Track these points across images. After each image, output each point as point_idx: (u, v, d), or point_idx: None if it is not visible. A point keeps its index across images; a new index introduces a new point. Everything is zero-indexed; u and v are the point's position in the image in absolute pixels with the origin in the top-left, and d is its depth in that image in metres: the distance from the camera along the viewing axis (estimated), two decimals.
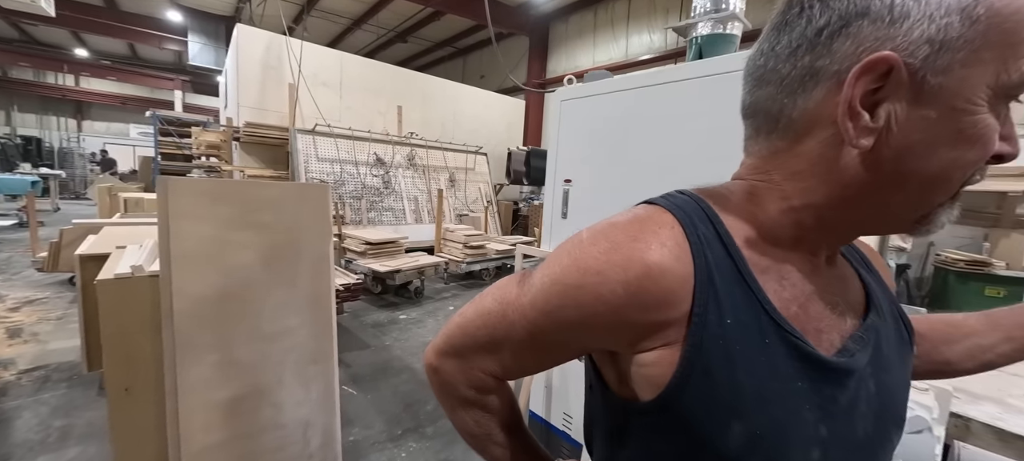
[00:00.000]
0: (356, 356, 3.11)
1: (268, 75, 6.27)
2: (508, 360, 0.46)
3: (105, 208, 5.41)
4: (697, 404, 0.37)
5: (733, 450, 0.36)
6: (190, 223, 1.41)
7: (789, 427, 0.36)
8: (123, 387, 1.60)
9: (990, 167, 0.35)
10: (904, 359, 0.46)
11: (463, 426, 0.53)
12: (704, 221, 0.39)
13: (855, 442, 0.39)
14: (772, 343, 0.36)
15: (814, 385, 0.37)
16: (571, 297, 0.38)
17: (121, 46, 12.85)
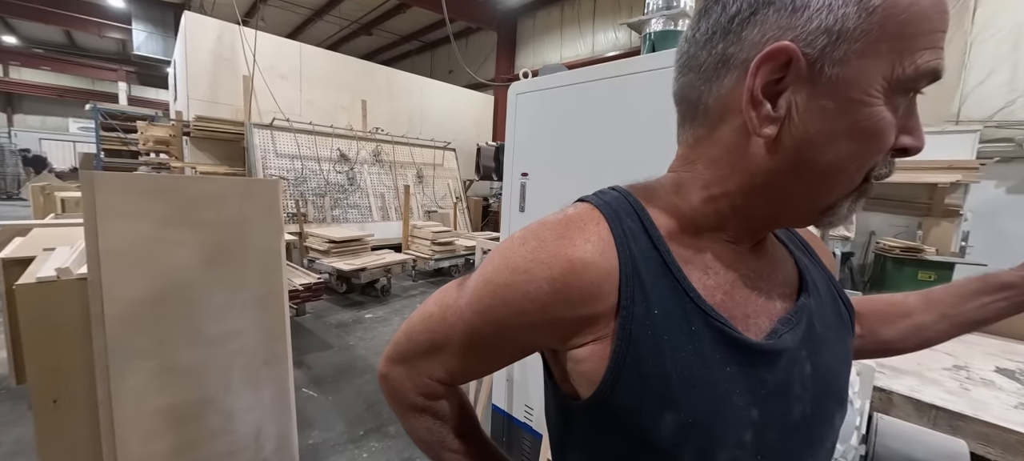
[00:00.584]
0: (317, 357, 3.03)
1: (221, 66, 5.95)
2: (452, 363, 0.46)
3: (40, 209, 5.00)
4: (629, 398, 0.37)
5: (667, 440, 0.37)
6: (121, 221, 1.32)
7: (719, 412, 0.37)
8: (51, 399, 1.48)
9: (905, 159, 0.35)
10: (843, 339, 0.46)
11: (416, 434, 0.52)
12: (631, 215, 0.40)
13: (791, 423, 0.39)
14: (699, 331, 0.37)
15: (743, 369, 0.37)
16: (500, 296, 0.39)
17: (56, 33, 11.85)
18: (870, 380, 0.99)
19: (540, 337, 0.41)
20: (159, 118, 7.62)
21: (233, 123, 5.82)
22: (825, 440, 0.43)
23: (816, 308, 0.43)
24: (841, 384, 0.44)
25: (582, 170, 1.48)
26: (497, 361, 0.46)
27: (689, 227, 0.40)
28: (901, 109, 0.33)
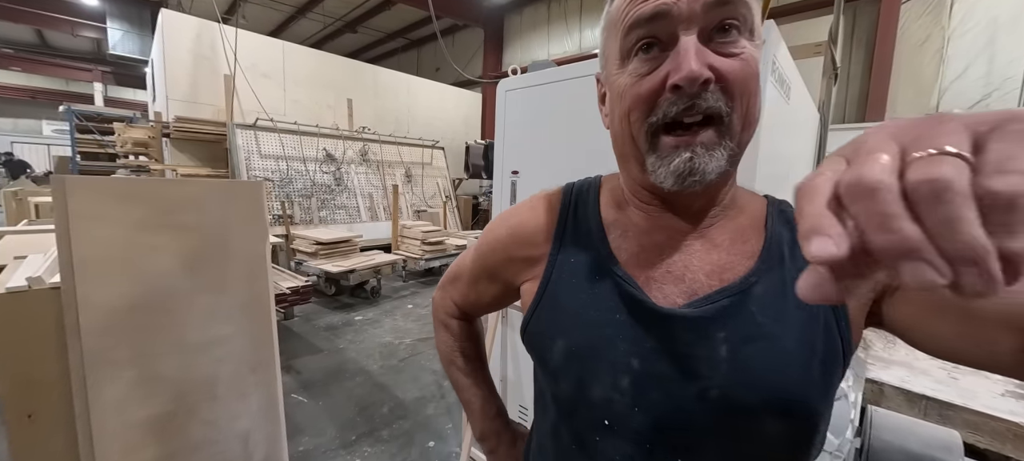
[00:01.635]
0: (307, 362, 2.97)
1: (200, 65, 5.80)
2: (463, 290, 0.63)
3: (13, 214, 4.81)
4: (539, 326, 0.49)
5: (556, 362, 0.47)
6: (95, 226, 1.26)
7: (599, 349, 0.44)
8: (25, 414, 1.42)
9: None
10: (804, 339, 0.41)
11: (438, 344, 0.69)
12: (591, 191, 0.53)
13: (687, 396, 0.41)
14: (601, 280, 0.46)
15: (631, 320, 0.43)
16: (486, 238, 0.58)
17: (27, 32, 11.43)
18: (862, 372, 1.00)
19: (508, 272, 0.56)
20: (137, 119, 7.41)
21: (215, 124, 5.68)
22: (742, 437, 0.41)
23: (763, 298, 0.42)
24: (777, 386, 0.40)
25: (572, 166, 1.47)
26: (489, 291, 0.60)
27: (618, 200, 0.50)
28: (647, 65, 0.40)
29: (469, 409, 0.68)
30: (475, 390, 0.67)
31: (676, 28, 0.39)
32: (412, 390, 2.62)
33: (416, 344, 3.35)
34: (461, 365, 0.67)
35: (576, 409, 0.47)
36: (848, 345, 0.42)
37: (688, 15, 0.38)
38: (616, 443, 0.45)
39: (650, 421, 0.43)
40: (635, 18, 0.40)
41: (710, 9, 0.38)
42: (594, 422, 0.46)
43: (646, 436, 0.43)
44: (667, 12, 0.38)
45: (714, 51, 0.39)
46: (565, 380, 0.47)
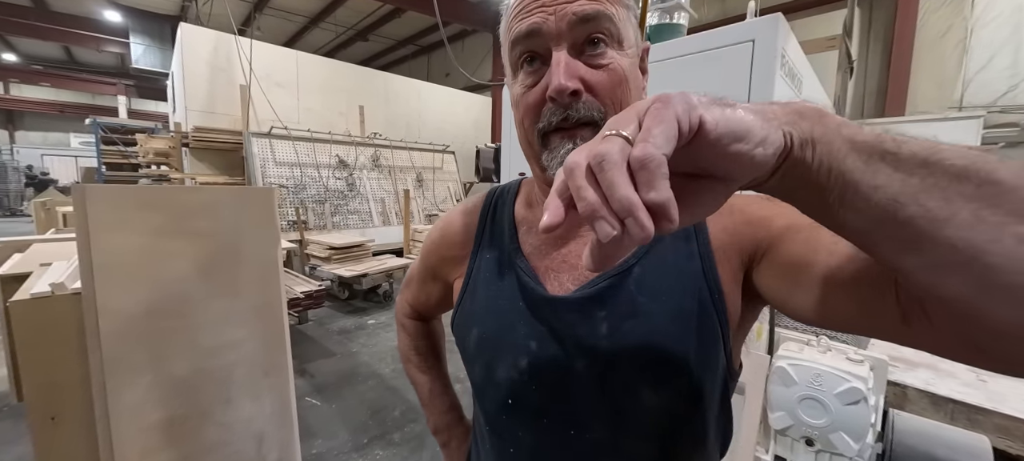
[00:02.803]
0: (320, 365, 3.00)
1: (217, 76, 5.95)
2: (415, 289, 0.69)
3: (42, 224, 5.00)
4: (461, 318, 0.55)
5: (471, 349, 0.53)
6: (114, 234, 1.30)
7: (504, 333, 0.49)
8: (48, 416, 1.46)
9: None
10: (679, 314, 0.44)
11: (398, 345, 0.76)
12: (510, 192, 0.57)
13: (574, 373, 0.46)
14: (507, 274, 0.51)
15: (529, 308, 0.48)
16: (426, 240, 0.64)
17: (55, 49, 11.91)
18: (883, 374, 0.96)
19: (442, 271, 0.61)
20: (158, 130, 7.64)
21: (231, 133, 5.82)
22: (626, 409, 0.45)
23: (642, 277, 0.46)
24: (651, 359, 0.44)
25: None
26: (434, 291, 0.65)
27: (531, 198, 0.54)
28: (531, 77, 0.45)
29: (424, 403, 0.74)
30: (429, 386, 0.73)
31: (549, 44, 0.43)
32: None
33: None
34: (416, 362, 0.73)
35: (486, 391, 0.52)
36: (724, 318, 0.44)
37: (557, 32, 0.43)
38: (518, 420, 0.49)
39: (545, 397, 0.47)
40: (515, 35, 0.45)
41: (574, 26, 0.43)
42: (500, 402, 0.50)
43: (542, 412, 0.48)
44: (538, 30, 0.43)
45: (585, 63, 0.43)
46: (477, 365, 0.52)
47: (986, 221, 0.21)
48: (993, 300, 0.22)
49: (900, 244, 0.24)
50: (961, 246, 0.21)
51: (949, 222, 0.22)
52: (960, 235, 0.21)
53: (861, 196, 0.24)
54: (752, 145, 0.24)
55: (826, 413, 0.83)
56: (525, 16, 0.44)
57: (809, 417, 0.85)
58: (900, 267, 0.25)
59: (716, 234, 0.46)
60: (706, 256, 0.45)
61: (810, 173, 0.25)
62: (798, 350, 0.93)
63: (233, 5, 6.14)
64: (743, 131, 0.23)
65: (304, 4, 8.55)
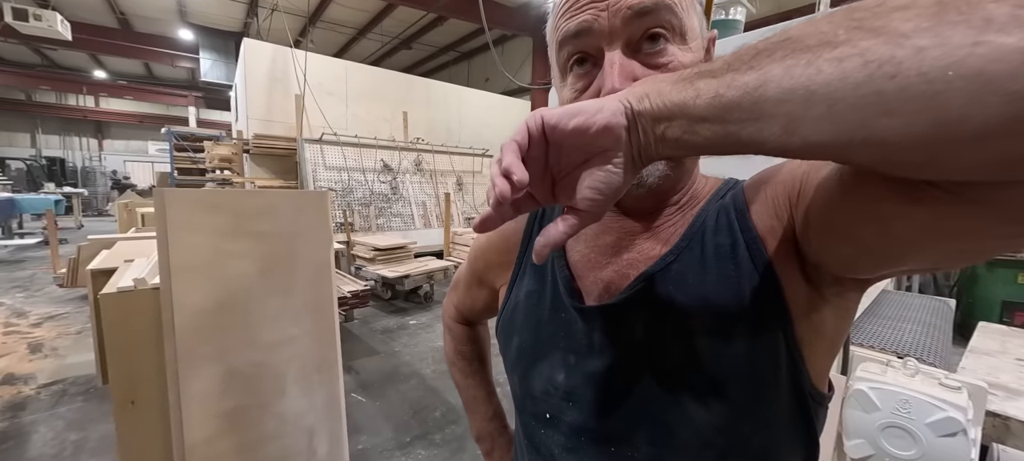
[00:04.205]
0: (365, 363, 3.11)
1: (275, 87, 6.36)
2: (461, 294, 0.69)
3: (124, 223, 5.55)
4: (504, 325, 0.54)
5: (511, 359, 0.52)
6: (187, 234, 1.40)
7: (541, 345, 0.48)
8: (129, 400, 1.60)
9: None
10: (723, 310, 0.39)
11: (444, 347, 0.77)
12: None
13: (615, 387, 0.43)
14: (549, 283, 0.49)
15: (568, 319, 0.46)
16: (474, 245, 0.65)
17: (137, 66, 13.22)
18: (982, 403, 0.85)
19: (489, 277, 0.61)
20: (223, 138, 8.28)
21: (286, 139, 6.19)
22: (669, 421, 0.41)
23: (681, 275, 0.41)
24: (696, 366, 0.39)
25: None
26: (480, 296, 0.65)
27: None
28: (581, 80, 0.42)
29: (468, 409, 0.74)
30: (473, 391, 0.73)
31: (601, 43, 0.40)
32: None
33: None
34: (461, 367, 0.73)
35: (524, 404, 0.51)
36: (782, 306, 0.38)
37: (609, 30, 0.39)
38: (556, 436, 0.47)
39: (583, 413, 0.45)
40: (563, 35, 0.42)
41: (630, 22, 0.38)
42: (538, 415, 0.49)
43: (581, 429, 0.45)
44: (589, 28, 0.40)
45: (642, 62, 0.39)
46: (516, 375, 0.51)
47: (797, 67, 0.22)
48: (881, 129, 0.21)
49: (764, 130, 0.24)
50: (796, 96, 0.22)
51: (768, 83, 0.23)
52: (784, 88, 0.23)
53: (701, 112, 0.27)
54: (587, 115, 0.29)
55: (916, 444, 0.74)
56: (574, 13, 0.40)
57: (894, 448, 0.76)
58: (812, 153, 0.25)
59: (757, 212, 0.41)
60: (751, 238, 0.40)
61: (662, 116, 0.29)
62: (880, 372, 0.84)
63: (290, 21, 6.55)
64: (575, 110, 0.30)
65: (353, 17, 8.96)
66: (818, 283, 0.37)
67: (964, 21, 0.18)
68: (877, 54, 0.20)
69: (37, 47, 11.09)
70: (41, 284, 5.04)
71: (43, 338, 3.43)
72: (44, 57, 12.44)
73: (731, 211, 0.42)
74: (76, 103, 15.08)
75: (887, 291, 1.92)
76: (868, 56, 0.20)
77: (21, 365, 2.93)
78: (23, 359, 3.03)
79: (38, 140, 15.41)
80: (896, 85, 0.19)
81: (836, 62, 0.21)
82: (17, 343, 3.31)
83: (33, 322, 3.80)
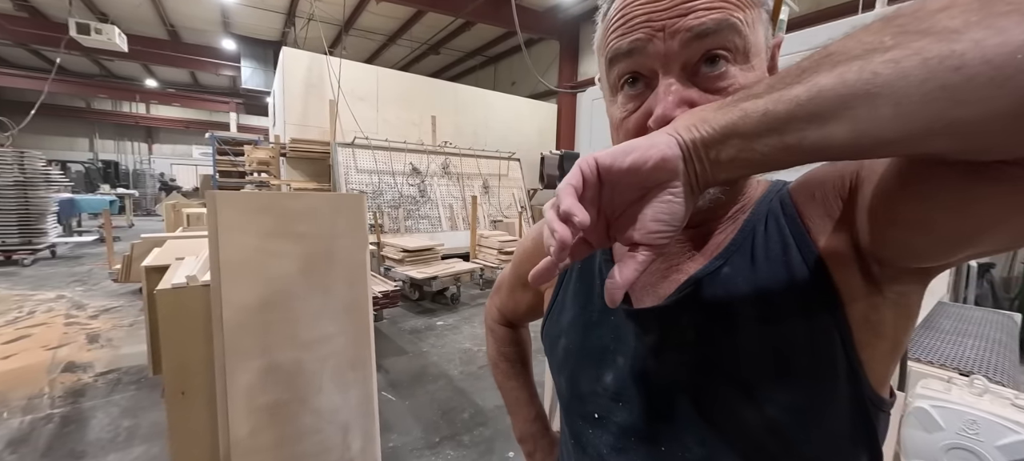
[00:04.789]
0: (394, 362, 3.17)
1: (310, 93, 6.60)
2: (505, 296, 0.71)
3: (171, 223, 5.89)
4: (550, 327, 0.55)
5: (558, 360, 0.53)
6: (236, 235, 1.47)
7: (590, 346, 0.49)
8: (180, 391, 1.69)
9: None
10: (774, 313, 0.39)
11: (487, 349, 0.78)
12: None
13: (661, 385, 0.43)
14: (597, 285, 0.50)
15: (617, 321, 0.47)
16: (519, 247, 0.67)
17: (184, 75, 14.02)
18: None
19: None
20: (261, 142, 8.65)
21: (320, 143, 6.41)
22: (722, 424, 0.40)
23: (731, 277, 0.41)
24: (747, 366, 0.39)
25: None
26: (524, 299, 0.67)
27: None
28: (632, 101, 0.41)
29: (510, 411, 0.75)
30: (516, 393, 0.74)
31: (655, 65, 0.38)
32: (491, 398, 2.66)
33: None
34: (504, 368, 0.74)
35: (571, 404, 0.52)
36: (835, 304, 0.37)
37: (665, 53, 0.37)
38: (604, 436, 0.47)
39: (632, 413, 0.45)
40: (613, 52, 0.40)
41: (689, 44, 0.37)
42: (586, 415, 0.49)
43: (630, 428, 0.45)
44: (642, 48, 0.38)
45: (701, 87, 0.38)
46: (563, 376, 0.52)
47: (850, 74, 0.24)
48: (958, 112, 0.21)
49: (830, 132, 0.26)
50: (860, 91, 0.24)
51: (822, 93, 0.25)
52: (845, 88, 0.24)
53: (753, 129, 0.28)
54: (642, 151, 0.30)
55: None
56: (627, 31, 0.38)
57: None
58: (863, 154, 0.28)
59: (807, 214, 0.40)
60: (801, 240, 0.39)
61: (713, 141, 0.30)
62: (944, 390, 0.78)
63: (325, 29, 6.79)
64: (629, 149, 0.31)
65: (384, 24, 9.21)
66: (877, 280, 0.36)
67: (1015, 9, 0.20)
68: (935, 51, 0.21)
69: (96, 58, 11.95)
70: (97, 279, 5.40)
71: (99, 329, 3.68)
72: (102, 67, 13.38)
73: (780, 215, 0.41)
74: (129, 110, 16.13)
75: (944, 303, 1.80)
76: (925, 54, 0.22)
77: (81, 354, 3.15)
78: (82, 348, 3.26)
79: (95, 144, 16.57)
80: (962, 76, 0.20)
81: (892, 64, 0.23)
82: (77, 333, 3.56)
83: (91, 314, 4.07)
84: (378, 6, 7.75)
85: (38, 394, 2.55)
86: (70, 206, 7.97)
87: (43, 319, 3.89)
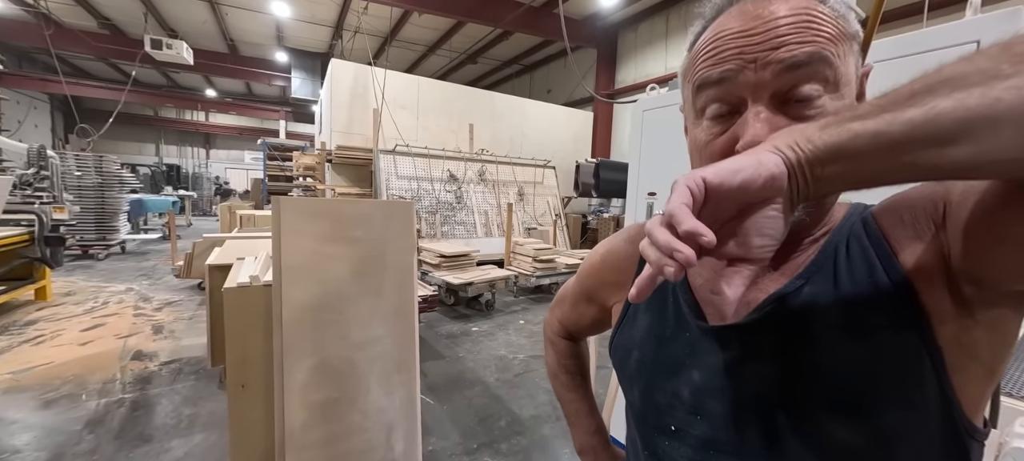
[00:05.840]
0: (432, 366, 3.22)
1: (355, 102, 6.89)
2: (567, 309, 0.71)
3: (226, 223, 6.29)
4: (621, 340, 0.56)
5: (630, 371, 0.53)
6: (296, 238, 1.55)
7: (665, 360, 0.49)
8: (240, 384, 1.79)
9: None
10: (857, 336, 0.39)
11: (546, 360, 0.78)
12: None
13: (739, 402, 0.43)
14: (674, 301, 0.50)
15: (696, 336, 0.47)
16: (586, 262, 0.66)
17: (240, 85, 15.02)
18: None
19: (601, 295, 0.63)
20: (308, 148, 9.10)
21: (364, 150, 6.67)
22: (809, 449, 0.39)
23: (811, 299, 0.41)
24: (828, 388, 0.39)
25: None
26: (588, 313, 0.67)
27: None
28: (718, 126, 0.41)
29: (570, 422, 0.76)
30: (576, 405, 0.75)
31: (744, 94, 0.39)
32: (528, 407, 2.65)
33: (529, 360, 3.39)
34: (564, 380, 0.75)
35: (644, 415, 0.52)
36: (924, 326, 0.36)
37: (755, 84, 0.38)
38: (682, 448, 0.47)
39: (710, 428, 0.45)
40: (701, 80, 0.41)
41: (781, 75, 0.37)
42: (661, 427, 0.49)
43: (709, 442, 0.45)
44: (732, 78, 0.39)
45: (789, 115, 0.38)
46: (636, 387, 0.52)
47: (971, 99, 0.26)
48: None
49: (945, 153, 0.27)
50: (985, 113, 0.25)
51: (939, 116, 0.27)
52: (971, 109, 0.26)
53: (863, 149, 0.29)
54: (752, 170, 0.31)
55: None
56: (717, 62, 0.40)
57: None
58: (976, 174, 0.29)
59: (894, 236, 0.40)
60: (888, 262, 0.39)
61: (818, 160, 0.31)
62: None
63: (370, 41, 7.09)
64: (736, 167, 0.31)
65: (424, 35, 9.50)
66: (969, 302, 0.36)
67: None
68: None
69: (165, 71, 13.01)
70: (161, 274, 5.84)
71: (163, 321, 3.96)
72: (169, 79, 14.56)
73: (863, 236, 0.42)
74: (191, 118, 17.43)
75: None
76: None
77: (147, 344, 3.40)
78: (148, 338, 3.52)
79: (161, 149, 17.98)
80: None
81: (1015, 90, 0.25)
82: (144, 324, 3.85)
83: (156, 306, 4.40)
84: (420, 18, 8.02)
85: (111, 379, 2.78)
86: (139, 206, 8.67)
87: (115, 309, 4.24)
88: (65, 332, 3.57)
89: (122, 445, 2.10)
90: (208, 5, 8.58)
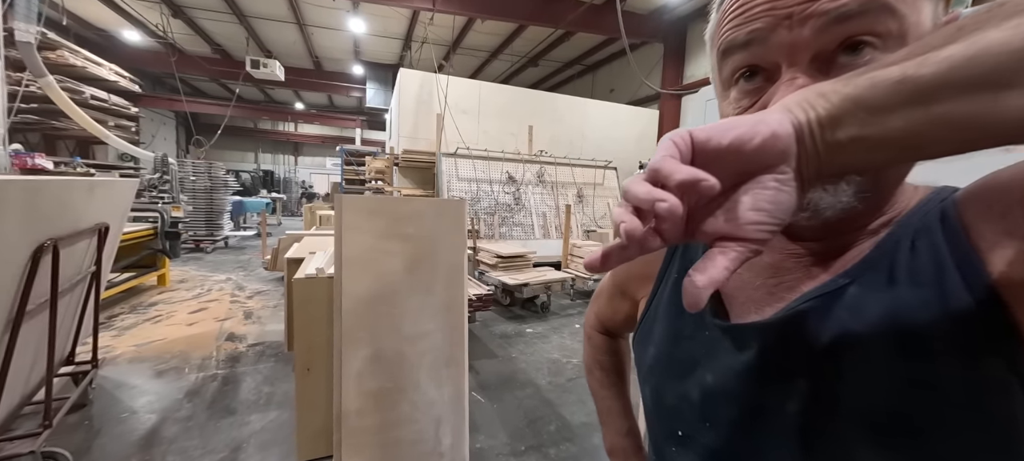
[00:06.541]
0: (484, 364, 3.26)
1: (421, 108, 7.24)
2: (603, 304, 0.69)
3: (308, 222, 6.94)
4: (639, 336, 0.53)
5: (644, 369, 0.50)
6: (355, 234, 1.65)
7: (678, 359, 0.45)
8: (306, 367, 1.94)
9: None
10: (911, 345, 0.31)
11: (584, 355, 0.76)
12: None
13: (757, 410, 0.38)
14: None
15: (715, 336, 0.42)
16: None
17: (323, 98, 16.52)
18: None
19: (631, 288, 0.60)
20: (379, 153, 9.74)
21: (427, 153, 6.97)
22: None
23: (857, 299, 0.33)
24: (874, 410, 0.31)
25: None
26: (622, 308, 0.64)
27: None
28: (748, 97, 0.36)
29: (602, 420, 0.73)
30: (608, 403, 0.72)
31: (777, 58, 0.33)
32: (579, 414, 2.57)
33: (582, 365, 3.29)
34: (598, 377, 0.73)
35: (654, 418, 0.49)
36: (1011, 339, 0.28)
37: (791, 44, 0.32)
38: (688, 456, 0.44)
39: (721, 436, 0.40)
40: (728, 43, 0.35)
41: (825, 30, 0.31)
42: (669, 433, 0.46)
43: (716, 451, 0.41)
44: (763, 39, 0.33)
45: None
46: (648, 385, 0.49)
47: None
48: None
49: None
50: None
51: (989, 48, 0.20)
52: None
53: (883, 100, 0.23)
54: (747, 127, 0.25)
55: None
56: (745, 21, 0.34)
57: None
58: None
59: (977, 230, 0.31)
60: (966, 260, 0.30)
61: (831, 118, 0.25)
62: None
63: (435, 50, 7.41)
64: (729, 124, 0.26)
65: (487, 41, 9.72)
66: None
67: None
68: None
69: (262, 87, 14.71)
70: (254, 267, 6.57)
71: (253, 308, 4.45)
72: (265, 95, 16.43)
73: (937, 230, 0.33)
74: (282, 128, 19.52)
75: None
76: None
77: (239, 327, 3.84)
78: (240, 322, 3.97)
79: (258, 157, 20.34)
80: None
81: None
82: (237, 310, 4.35)
83: (248, 295, 4.96)
84: (483, 25, 8.21)
85: (208, 356, 3.17)
86: (239, 206, 9.89)
87: (216, 296, 4.85)
88: (177, 313, 4.15)
89: (212, 415, 2.38)
90: (297, 27, 9.54)
